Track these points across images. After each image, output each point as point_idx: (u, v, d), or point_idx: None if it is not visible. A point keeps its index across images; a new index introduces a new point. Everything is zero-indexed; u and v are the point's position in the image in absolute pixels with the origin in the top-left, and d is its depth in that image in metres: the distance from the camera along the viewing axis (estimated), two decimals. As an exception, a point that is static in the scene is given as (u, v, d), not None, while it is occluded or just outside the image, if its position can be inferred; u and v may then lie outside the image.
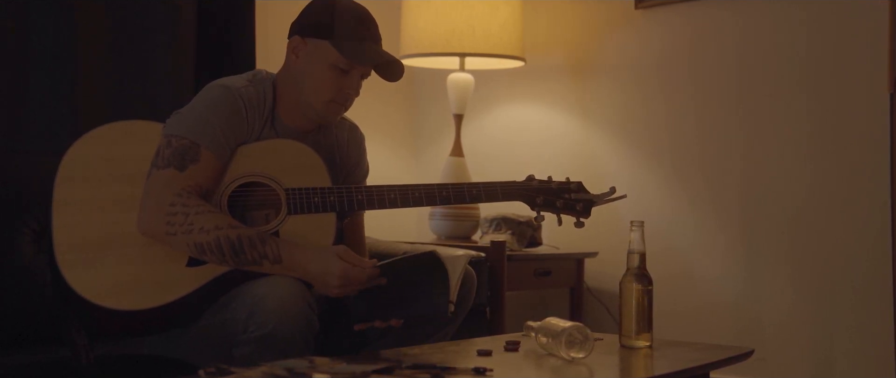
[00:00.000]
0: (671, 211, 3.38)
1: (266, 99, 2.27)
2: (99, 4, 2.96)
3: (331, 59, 2.23)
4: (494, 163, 3.76)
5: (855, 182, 3.02)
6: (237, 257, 2.07)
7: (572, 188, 2.34)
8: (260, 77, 2.30)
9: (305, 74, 2.26)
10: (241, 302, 2.06)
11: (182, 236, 2.07)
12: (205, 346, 2.12)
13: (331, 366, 1.76)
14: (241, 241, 2.07)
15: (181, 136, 2.15)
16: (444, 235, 3.43)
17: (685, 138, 3.37)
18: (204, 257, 2.08)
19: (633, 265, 2.19)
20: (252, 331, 2.01)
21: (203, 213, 2.08)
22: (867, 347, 2.98)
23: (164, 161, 2.13)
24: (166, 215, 2.08)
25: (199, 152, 2.14)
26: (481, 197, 2.31)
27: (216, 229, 2.07)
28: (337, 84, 2.25)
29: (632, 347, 2.17)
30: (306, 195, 2.21)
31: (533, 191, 2.33)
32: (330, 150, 2.38)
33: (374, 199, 2.26)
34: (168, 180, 2.11)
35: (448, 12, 3.33)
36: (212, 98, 2.21)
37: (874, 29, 2.88)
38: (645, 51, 3.46)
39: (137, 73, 3.03)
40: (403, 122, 4.00)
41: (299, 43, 2.28)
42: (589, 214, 2.32)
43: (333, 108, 2.29)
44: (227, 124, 2.19)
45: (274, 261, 2.08)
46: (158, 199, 2.10)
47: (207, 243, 2.06)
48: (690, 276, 3.33)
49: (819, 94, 3.10)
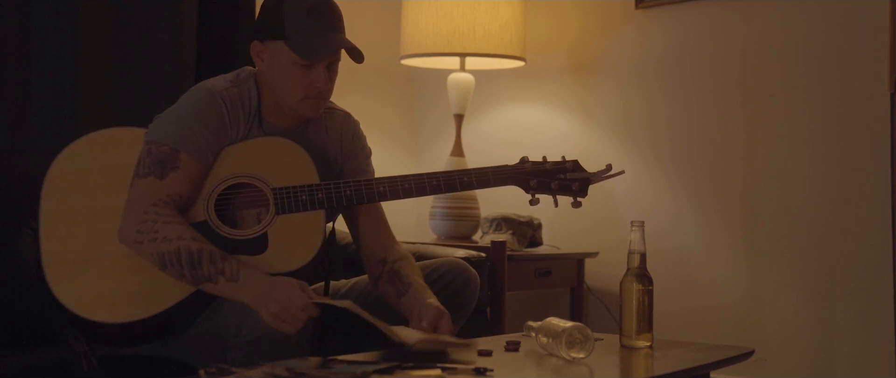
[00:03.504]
0: (672, 211, 3.38)
1: (250, 99, 2.26)
2: (100, 4, 2.96)
3: (289, 58, 2.20)
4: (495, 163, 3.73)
5: (856, 182, 3.02)
6: (194, 270, 2.04)
7: (568, 167, 2.30)
8: (243, 77, 2.28)
9: (274, 76, 2.25)
10: (232, 306, 2.05)
11: (148, 245, 2.05)
12: (200, 351, 2.11)
13: (331, 366, 1.76)
14: (201, 254, 2.04)
15: (161, 142, 2.14)
16: (444, 235, 3.43)
17: (686, 138, 3.37)
18: (165, 269, 2.05)
19: (633, 265, 2.19)
20: (244, 335, 2.00)
21: (170, 223, 2.06)
22: (868, 347, 2.98)
23: (144, 169, 2.12)
24: (138, 224, 2.07)
25: (179, 158, 2.13)
26: (473, 184, 2.29)
27: (179, 240, 2.04)
28: (304, 80, 2.22)
29: (632, 347, 2.17)
30: (294, 193, 2.19)
31: (526, 174, 2.30)
32: (322, 145, 2.36)
33: (363, 194, 2.24)
34: (148, 189, 2.10)
35: (449, 12, 3.33)
36: (193, 101, 2.20)
37: (875, 29, 2.88)
38: (646, 51, 3.46)
39: (139, 73, 3.03)
40: (404, 122, 4.00)
41: (260, 47, 2.26)
42: (586, 194, 2.27)
43: (309, 104, 2.25)
44: (209, 127, 2.17)
45: (230, 278, 2.03)
46: (136, 204, 2.09)
47: (168, 253, 2.04)
48: (691, 276, 3.33)
49: (820, 94, 3.10)
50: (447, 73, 3.54)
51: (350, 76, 3.69)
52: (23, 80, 2.86)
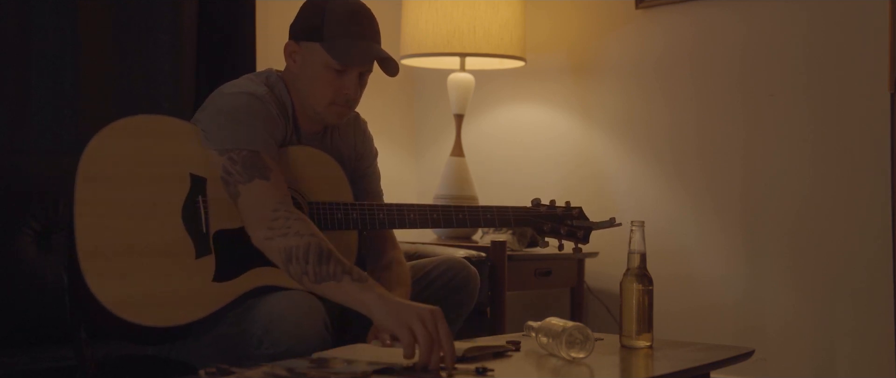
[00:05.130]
0: (672, 211, 3.38)
1: (286, 103, 2.26)
2: (100, 4, 2.96)
3: (324, 62, 2.20)
4: (495, 163, 3.76)
5: (856, 182, 3.02)
6: (321, 266, 1.98)
7: (574, 214, 2.44)
8: (273, 80, 2.27)
9: (303, 78, 2.24)
10: (257, 316, 2.02)
11: (278, 239, 2.01)
12: (215, 355, 2.06)
13: (331, 366, 1.76)
14: (330, 252, 2.01)
15: (239, 148, 2.10)
16: (444, 235, 3.43)
17: (686, 138, 3.37)
18: (288, 264, 2.00)
19: (633, 265, 2.19)
20: (266, 348, 1.98)
21: (301, 220, 2.04)
22: (868, 348, 2.98)
23: (243, 176, 2.07)
24: (269, 221, 2.03)
25: (263, 159, 2.10)
26: (495, 222, 2.40)
27: (310, 236, 2.01)
28: (334, 85, 2.22)
29: (632, 347, 2.17)
30: (329, 210, 2.20)
31: (542, 218, 2.41)
32: (339, 148, 2.37)
33: (395, 219, 2.28)
34: (262, 191, 2.06)
35: (449, 12, 3.33)
36: (246, 106, 2.15)
37: (875, 29, 2.88)
38: (646, 51, 3.46)
39: (139, 73, 3.03)
40: (404, 122, 4.00)
41: (294, 47, 2.26)
42: (588, 241, 2.45)
43: (335, 110, 2.26)
44: (269, 128, 2.15)
45: (358, 279, 1.99)
46: (261, 208, 2.05)
47: (297, 247, 1.99)
48: (691, 276, 3.33)
49: (820, 94, 3.10)
50: (447, 73, 3.54)
51: (350, 76, 3.70)
52: (23, 80, 2.85)
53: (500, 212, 2.38)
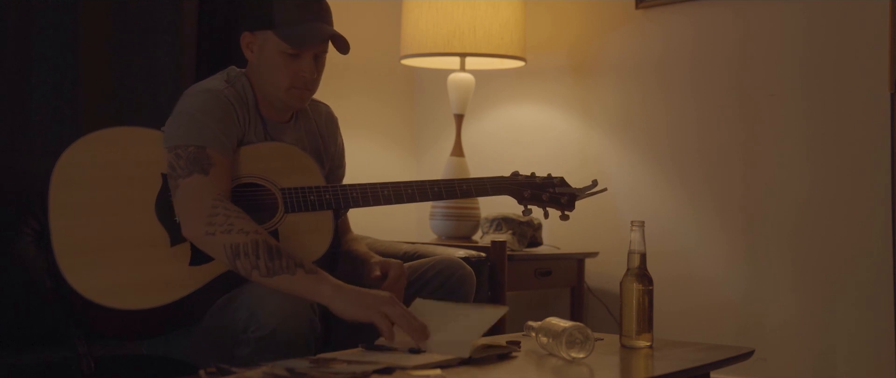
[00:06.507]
0: (672, 211, 3.38)
1: (247, 96, 2.30)
2: (100, 4, 2.96)
3: (277, 47, 2.25)
4: (495, 163, 3.76)
5: (856, 182, 3.02)
6: (272, 261, 2.03)
7: (556, 182, 2.44)
8: (234, 75, 2.32)
9: (262, 67, 2.29)
10: (243, 302, 2.05)
11: (221, 236, 2.05)
12: (207, 347, 2.12)
13: (331, 366, 1.76)
14: (279, 247, 2.06)
15: (186, 144, 2.15)
16: (444, 235, 3.43)
17: (686, 138, 3.37)
18: (235, 260, 2.05)
19: (633, 265, 2.19)
20: (253, 331, 2.01)
21: (241, 218, 2.08)
22: (868, 347, 2.98)
23: (184, 170, 2.12)
24: (208, 217, 2.07)
25: (209, 155, 2.14)
26: (471, 192, 2.41)
27: (255, 233, 2.06)
28: (291, 69, 2.27)
29: (632, 347, 2.17)
30: (302, 194, 2.24)
31: (520, 185, 2.41)
32: (313, 139, 2.43)
33: (369, 197, 2.30)
34: (199, 186, 2.11)
35: (449, 12, 3.33)
36: (201, 103, 2.21)
37: (875, 29, 2.88)
38: (646, 51, 3.46)
39: (139, 73, 3.03)
40: (404, 122, 4.00)
41: (250, 38, 2.31)
42: (573, 207, 2.42)
43: (295, 94, 2.30)
44: (224, 125, 2.20)
45: (310, 270, 2.05)
46: (197, 204, 2.09)
47: (245, 243, 2.04)
48: (691, 276, 3.33)
49: (820, 95, 3.10)
50: (447, 73, 3.54)
51: (350, 76, 3.71)
52: (23, 80, 2.86)
53: (477, 182, 2.40)
